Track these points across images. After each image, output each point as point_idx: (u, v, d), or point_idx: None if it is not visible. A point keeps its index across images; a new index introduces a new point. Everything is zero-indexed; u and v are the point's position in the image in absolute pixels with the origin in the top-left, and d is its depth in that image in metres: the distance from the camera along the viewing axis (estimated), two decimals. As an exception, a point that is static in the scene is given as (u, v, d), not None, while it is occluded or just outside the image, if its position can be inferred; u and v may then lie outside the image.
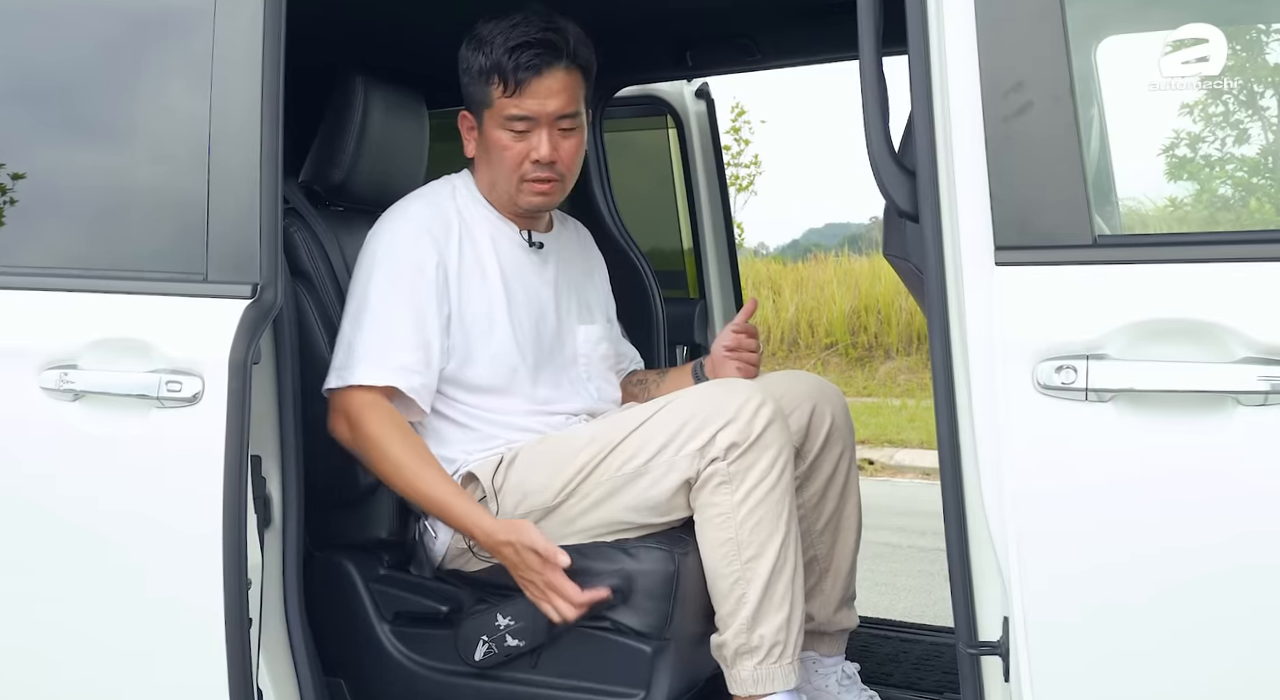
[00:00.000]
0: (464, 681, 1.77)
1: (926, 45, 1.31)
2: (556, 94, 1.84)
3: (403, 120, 2.10)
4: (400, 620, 1.84)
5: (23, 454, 1.71)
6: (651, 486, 1.70)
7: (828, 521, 1.96)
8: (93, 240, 1.76)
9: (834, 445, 1.94)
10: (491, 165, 1.91)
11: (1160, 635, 1.21)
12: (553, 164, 1.87)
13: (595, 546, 1.74)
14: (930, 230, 1.31)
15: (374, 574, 1.87)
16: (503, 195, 1.93)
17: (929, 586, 4.01)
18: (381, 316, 1.80)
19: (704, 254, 2.91)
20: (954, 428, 1.30)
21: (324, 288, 1.93)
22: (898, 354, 10.17)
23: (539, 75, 1.82)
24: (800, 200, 64.76)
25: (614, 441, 1.74)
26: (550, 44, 1.82)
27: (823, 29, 2.34)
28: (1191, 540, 1.19)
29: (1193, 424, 1.18)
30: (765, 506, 1.65)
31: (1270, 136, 1.43)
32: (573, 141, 1.90)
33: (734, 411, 1.65)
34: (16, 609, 1.73)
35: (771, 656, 1.65)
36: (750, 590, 1.65)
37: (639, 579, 1.69)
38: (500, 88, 1.83)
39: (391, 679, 1.83)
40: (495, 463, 1.83)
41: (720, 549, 1.66)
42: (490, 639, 1.73)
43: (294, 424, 1.68)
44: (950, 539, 1.31)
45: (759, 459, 1.65)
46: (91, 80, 1.77)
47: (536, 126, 1.85)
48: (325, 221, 1.99)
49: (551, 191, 1.91)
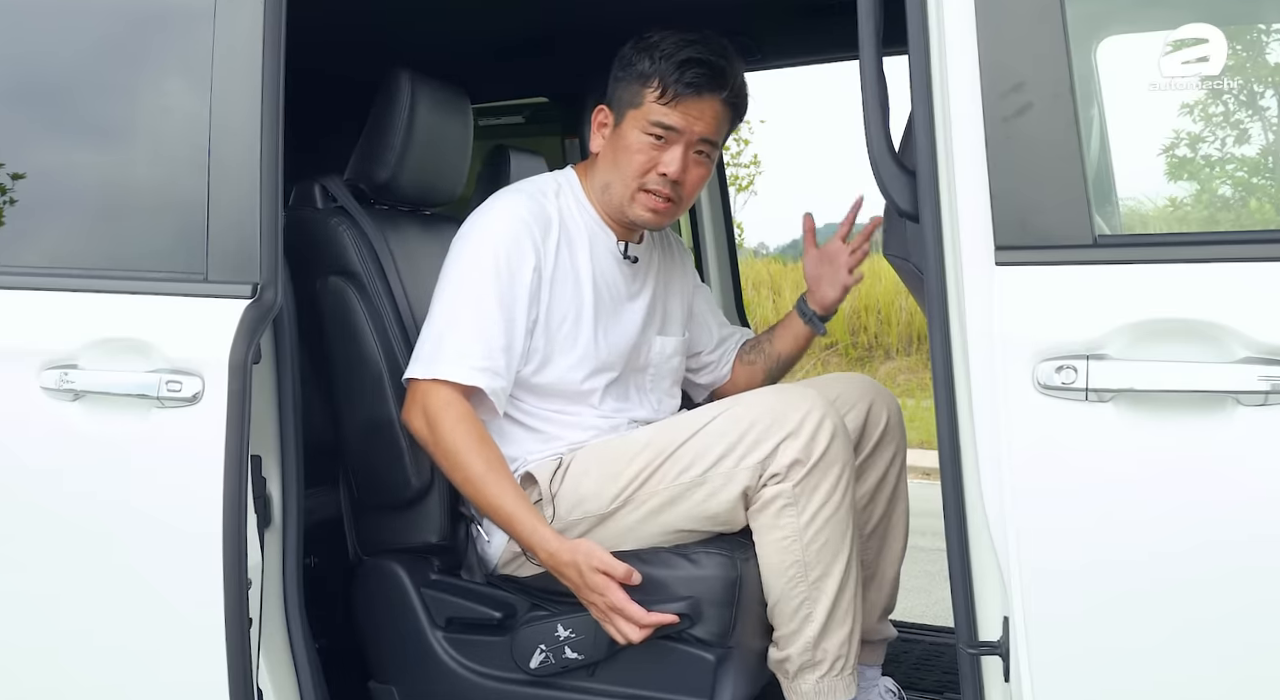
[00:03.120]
0: (519, 689, 1.74)
1: (926, 45, 1.31)
2: (707, 118, 1.81)
3: (449, 117, 2.06)
4: (453, 626, 1.81)
5: (23, 454, 1.70)
6: (709, 498, 1.67)
7: (876, 526, 1.93)
8: (93, 240, 1.76)
9: (887, 446, 1.91)
10: (617, 165, 1.85)
11: (1160, 635, 1.21)
12: (677, 183, 1.83)
13: (655, 552, 1.71)
14: (930, 230, 1.31)
15: (425, 579, 1.84)
16: (614, 199, 1.87)
17: (929, 586, 4.01)
18: (476, 314, 1.76)
19: (704, 254, 2.91)
20: (954, 427, 1.30)
21: (374, 287, 1.89)
22: (898, 354, 10.17)
23: (699, 95, 1.79)
24: (800, 200, 64.71)
25: (669, 449, 1.70)
26: (720, 71, 1.80)
27: (823, 29, 2.34)
28: (1192, 540, 1.19)
29: (1193, 424, 1.18)
30: (832, 526, 1.63)
31: (1270, 136, 1.43)
32: (702, 170, 1.86)
33: (796, 424, 1.62)
34: (16, 608, 1.73)
35: (834, 670, 1.63)
36: (817, 609, 1.63)
37: (701, 585, 1.65)
38: (657, 93, 1.79)
39: (445, 686, 1.79)
40: (554, 467, 1.79)
41: (787, 572, 1.64)
42: (549, 649, 1.71)
43: (294, 424, 1.68)
44: (950, 539, 1.30)
45: (824, 479, 1.62)
46: (91, 80, 1.77)
47: (676, 141, 1.81)
48: (373, 220, 1.96)
49: (665, 211, 1.85)
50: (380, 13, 2.23)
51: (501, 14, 2.29)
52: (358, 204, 1.97)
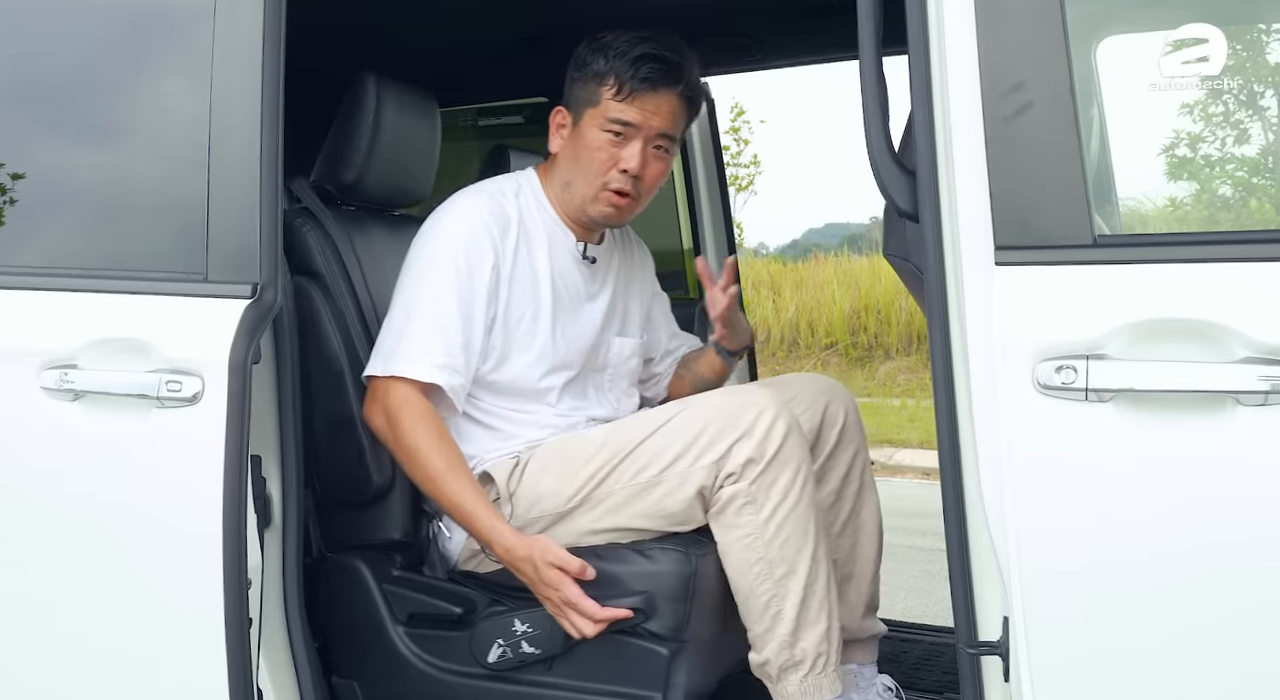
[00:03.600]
0: (477, 684, 1.77)
1: (926, 45, 1.31)
2: (664, 113, 1.85)
3: (415, 119, 2.09)
4: (414, 622, 1.83)
5: (23, 454, 1.70)
6: (666, 496, 1.70)
7: (845, 524, 1.94)
8: (93, 240, 1.76)
9: (846, 445, 1.92)
10: (578, 164, 1.88)
11: (1160, 635, 1.21)
12: (637, 179, 1.86)
13: (612, 549, 1.73)
14: (930, 230, 1.31)
15: (387, 575, 1.86)
16: (576, 198, 1.90)
17: (929, 586, 4.01)
18: (435, 312, 1.78)
19: (704, 254, 2.90)
20: (954, 428, 1.30)
21: (337, 288, 1.91)
22: (898, 354, 10.17)
23: (654, 91, 1.83)
24: (800, 200, 64.71)
25: (626, 448, 1.73)
26: (674, 66, 1.84)
27: (823, 29, 2.34)
28: (1192, 540, 1.19)
29: (1193, 424, 1.18)
30: (792, 522, 1.64)
31: (1270, 136, 1.43)
32: (661, 165, 1.89)
33: (749, 424, 1.65)
34: (16, 608, 1.73)
35: (816, 668, 1.64)
36: (786, 607, 1.64)
37: (655, 580, 1.68)
38: (613, 91, 1.83)
39: (405, 681, 1.82)
40: (511, 466, 1.82)
41: (751, 570, 1.65)
42: (506, 643, 1.73)
43: (294, 424, 1.68)
44: (950, 539, 1.31)
45: (780, 475, 1.64)
46: (91, 80, 1.77)
47: (634, 137, 1.84)
48: (339, 221, 1.98)
49: (625, 207, 1.89)
50: (380, 12, 2.23)
51: (501, 14, 2.29)
52: (323, 205, 1.99)
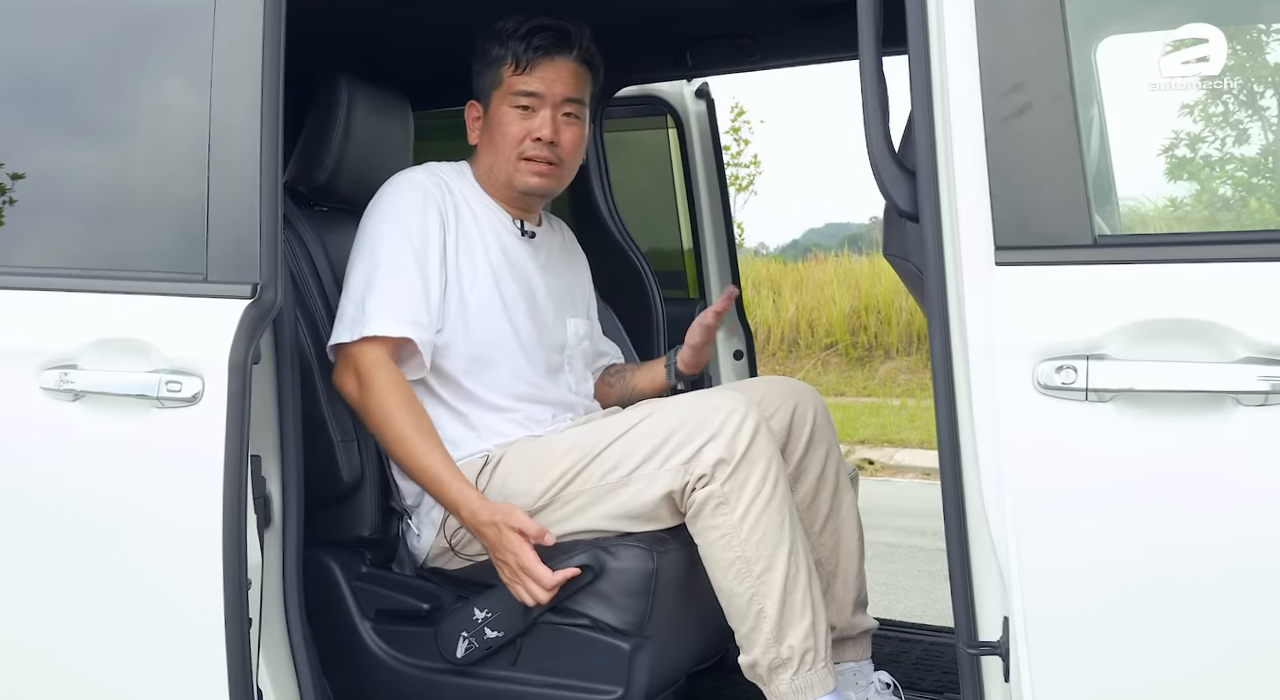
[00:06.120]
0: (446, 679, 1.78)
1: (926, 45, 1.31)
2: (565, 78, 1.93)
3: (387, 120, 2.13)
4: (382, 618, 1.85)
5: (23, 454, 1.70)
6: (634, 497, 1.72)
7: (825, 522, 1.95)
8: (93, 240, 1.76)
9: (819, 444, 1.94)
10: (494, 144, 1.95)
11: (1160, 634, 1.21)
12: (553, 145, 1.92)
13: (575, 544, 1.75)
14: (930, 230, 1.31)
15: (356, 572, 1.88)
16: (500, 177, 1.96)
17: (929, 586, 4.01)
18: (394, 273, 1.83)
19: (704, 254, 2.91)
20: (954, 428, 1.30)
21: (306, 288, 1.93)
22: (898, 354, 10.18)
23: (550, 58, 1.91)
24: (800, 200, 64.67)
25: (596, 450, 1.75)
26: (564, 32, 1.92)
27: (823, 29, 2.34)
28: (1192, 540, 1.19)
29: (1193, 424, 1.18)
30: (767, 519, 1.65)
31: (1270, 136, 1.43)
32: (574, 131, 1.96)
33: (718, 426, 1.66)
34: (17, 608, 1.73)
35: (805, 664, 1.64)
36: (768, 604, 1.64)
37: (617, 576, 1.69)
38: (511, 67, 1.92)
39: (374, 677, 1.83)
40: (481, 464, 1.85)
41: (730, 569, 1.66)
42: (470, 634, 1.75)
43: (294, 424, 1.68)
44: (950, 539, 1.31)
45: (751, 474, 1.65)
46: (92, 80, 1.77)
47: (541, 106, 1.92)
48: (310, 222, 2.01)
49: (549, 174, 1.95)
50: (379, 12, 2.24)
51: (500, 15, 2.29)
52: (294, 206, 2.01)
